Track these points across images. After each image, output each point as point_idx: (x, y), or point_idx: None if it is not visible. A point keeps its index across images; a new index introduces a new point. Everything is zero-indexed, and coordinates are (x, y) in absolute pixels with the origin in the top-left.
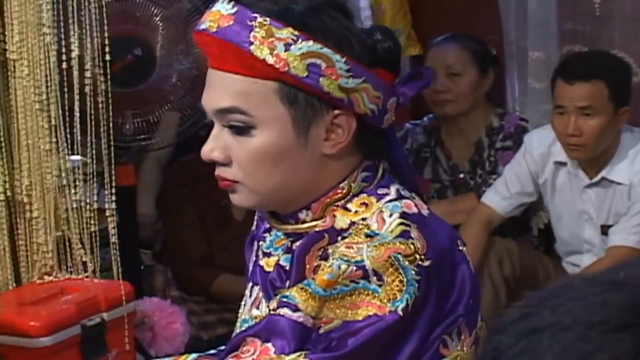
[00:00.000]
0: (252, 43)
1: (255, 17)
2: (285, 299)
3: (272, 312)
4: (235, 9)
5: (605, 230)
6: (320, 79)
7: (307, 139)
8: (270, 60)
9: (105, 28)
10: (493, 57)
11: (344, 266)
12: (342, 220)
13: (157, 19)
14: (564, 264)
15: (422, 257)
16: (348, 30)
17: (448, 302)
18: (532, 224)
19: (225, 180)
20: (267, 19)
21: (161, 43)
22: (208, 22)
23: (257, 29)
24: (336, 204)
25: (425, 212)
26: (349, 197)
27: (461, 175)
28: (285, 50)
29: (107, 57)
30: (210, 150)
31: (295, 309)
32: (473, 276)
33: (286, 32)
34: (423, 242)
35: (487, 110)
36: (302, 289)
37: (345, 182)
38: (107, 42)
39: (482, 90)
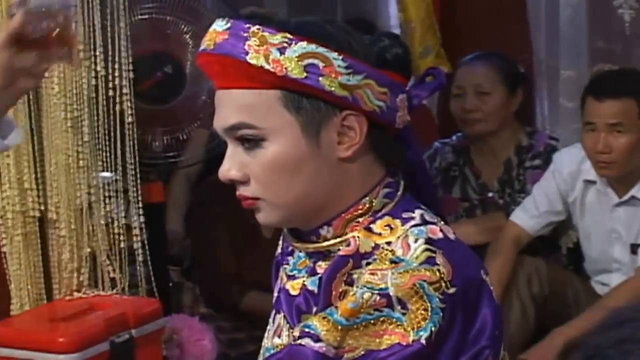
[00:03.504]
0: (247, 52)
1: (249, 28)
2: (307, 329)
3: (293, 341)
4: (229, 24)
5: (634, 249)
6: (320, 78)
7: (319, 143)
8: (267, 66)
9: (129, 46)
10: (522, 75)
11: (367, 295)
12: (366, 243)
13: (187, 36)
14: (593, 283)
15: (448, 283)
16: (349, 34)
17: (472, 331)
18: (561, 243)
19: (247, 198)
20: (260, 27)
21: (191, 60)
22: (206, 42)
23: (251, 38)
24: (358, 220)
25: (451, 235)
26: (370, 214)
27: (490, 194)
28: (280, 55)
29: (131, 75)
30: (227, 169)
31: (317, 339)
32: (497, 306)
33: (279, 37)
34: (449, 268)
35: (516, 129)
36: (324, 318)
37: (367, 198)
38: (130, 59)
39: (511, 109)
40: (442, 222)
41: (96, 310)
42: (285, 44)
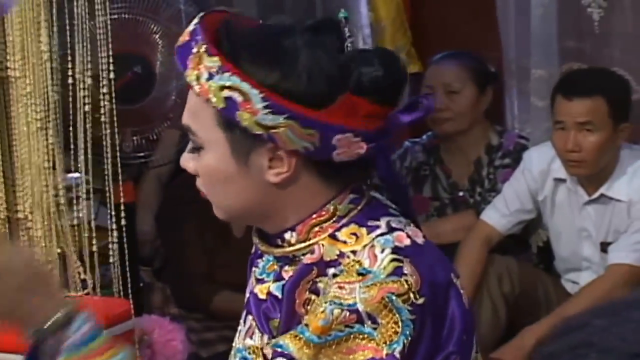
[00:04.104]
0: (187, 67)
1: (198, 40)
2: (279, 349)
3: None
4: (195, 26)
5: (604, 247)
6: (237, 112)
7: (249, 165)
8: (196, 87)
9: (110, 46)
10: (492, 74)
11: (337, 311)
12: (330, 251)
13: (157, 36)
14: (563, 281)
15: (416, 294)
16: (309, 61)
17: (441, 338)
18: (532, 242)
19: (200, 190)
20: (205, 44)
21: (161, 60)
22: (181, 37)
23: (195, 53)
24: (322, 225)
25: (419, 240)
26: (335, 219)
27: (460, 193)
28: (208, 79)
29: (112, 75)
30: (187, 160)
31: (290, 358)
32: (465, 311)
33: (213, 61)
34: (417, 277)
35: (486, 128)
36: (296, 336)
37: (331, 204)
38: (111, 60)
39: (480, 108)
40: (412, 225)
41: None
42: (214, 70)
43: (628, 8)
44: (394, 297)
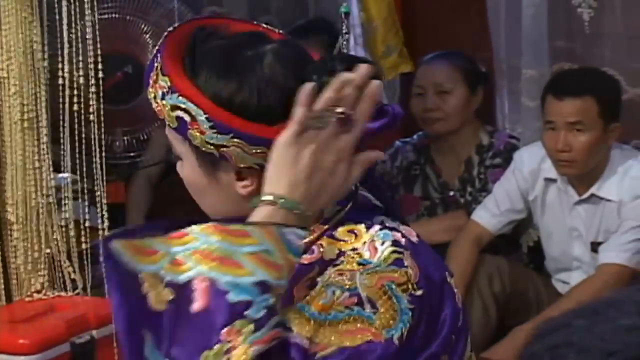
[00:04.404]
0: (149, 83)
1: (158, 57)
2: None
3: None
4: (162, 40)
5: (595, 247)
6: (188, 132)
7: (218, 179)
8: (154, 104)
9: (99, 46)
10: (482, 74)
11: (338, 292)
12: (330, 251)
13: (147, 36)
14: (554, 281)
15: (415, 285)
16: (266, 75)
17: (434, 335)
18: (522, 242)
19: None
20: (161, 62)
21: None
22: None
23: (154, 70)
24: (310, 228)
25: (414, 238)
26: (322, 220)
27: (451, 193)
28: (161, 99)
29: (100, 75)
30: (177, 167)
31: (289, 329)
32: (458, 311)
33: (165, 80)
34: (416, 270)
35: (477, 128)
36: (296, 312)
37: None
38: (99, 59)
39: (471, 108)
40: (403, 226)
41: (56, 311)
42: (165, 90)
43: (618, 8)
44: (393, 286)
